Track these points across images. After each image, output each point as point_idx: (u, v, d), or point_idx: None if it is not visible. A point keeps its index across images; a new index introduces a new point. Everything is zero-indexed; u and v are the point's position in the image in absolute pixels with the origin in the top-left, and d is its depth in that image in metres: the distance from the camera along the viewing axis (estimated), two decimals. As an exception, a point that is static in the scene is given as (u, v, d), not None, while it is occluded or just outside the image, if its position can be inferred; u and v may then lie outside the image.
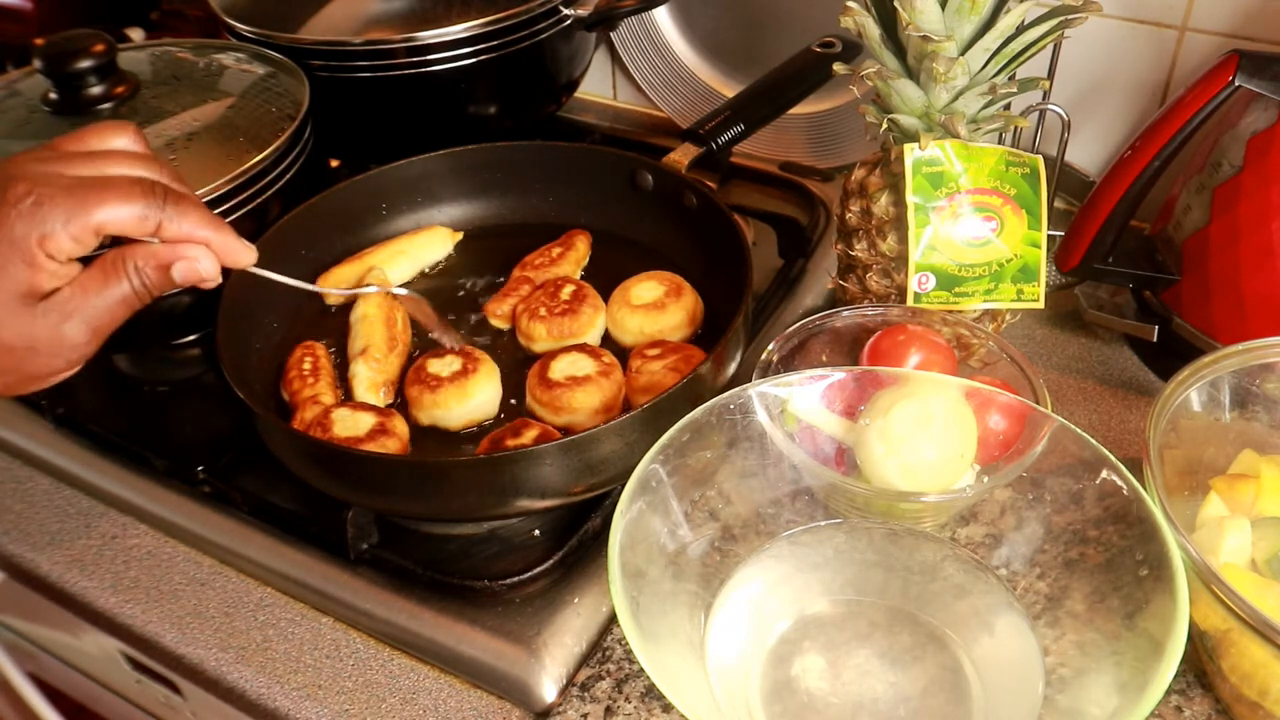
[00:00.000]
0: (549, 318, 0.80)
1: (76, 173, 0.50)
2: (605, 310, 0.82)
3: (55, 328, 0.49)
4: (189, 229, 0.52)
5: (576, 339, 0.80)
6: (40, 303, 0.49)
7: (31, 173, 0.49)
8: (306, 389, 0.75)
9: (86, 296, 0.50)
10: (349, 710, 0.63)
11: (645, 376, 0.74)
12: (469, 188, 0.93)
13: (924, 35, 0.65)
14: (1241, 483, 0.63)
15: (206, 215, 0.53)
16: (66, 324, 0.49)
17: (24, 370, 0.50)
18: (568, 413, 0.73)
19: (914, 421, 0.62)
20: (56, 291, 0.49)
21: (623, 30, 1.12)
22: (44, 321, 0.49)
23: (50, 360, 0.50)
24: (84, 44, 0.85)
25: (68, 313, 0.49)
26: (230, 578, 0.72)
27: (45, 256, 0.48)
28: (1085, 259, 0.78)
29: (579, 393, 0.72)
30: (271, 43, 0.95)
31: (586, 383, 0.73)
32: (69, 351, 0.50)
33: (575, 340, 0.80)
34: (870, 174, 0.74)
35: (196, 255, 0.52)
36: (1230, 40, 0.84)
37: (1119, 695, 0.50)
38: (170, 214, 0.51)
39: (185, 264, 0.52)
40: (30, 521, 0.77)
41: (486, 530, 0.71)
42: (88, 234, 0.49)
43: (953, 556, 0.63)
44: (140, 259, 0.51)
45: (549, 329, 0.79)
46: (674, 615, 0.57)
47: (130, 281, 0.51)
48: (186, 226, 0.51)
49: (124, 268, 0.51)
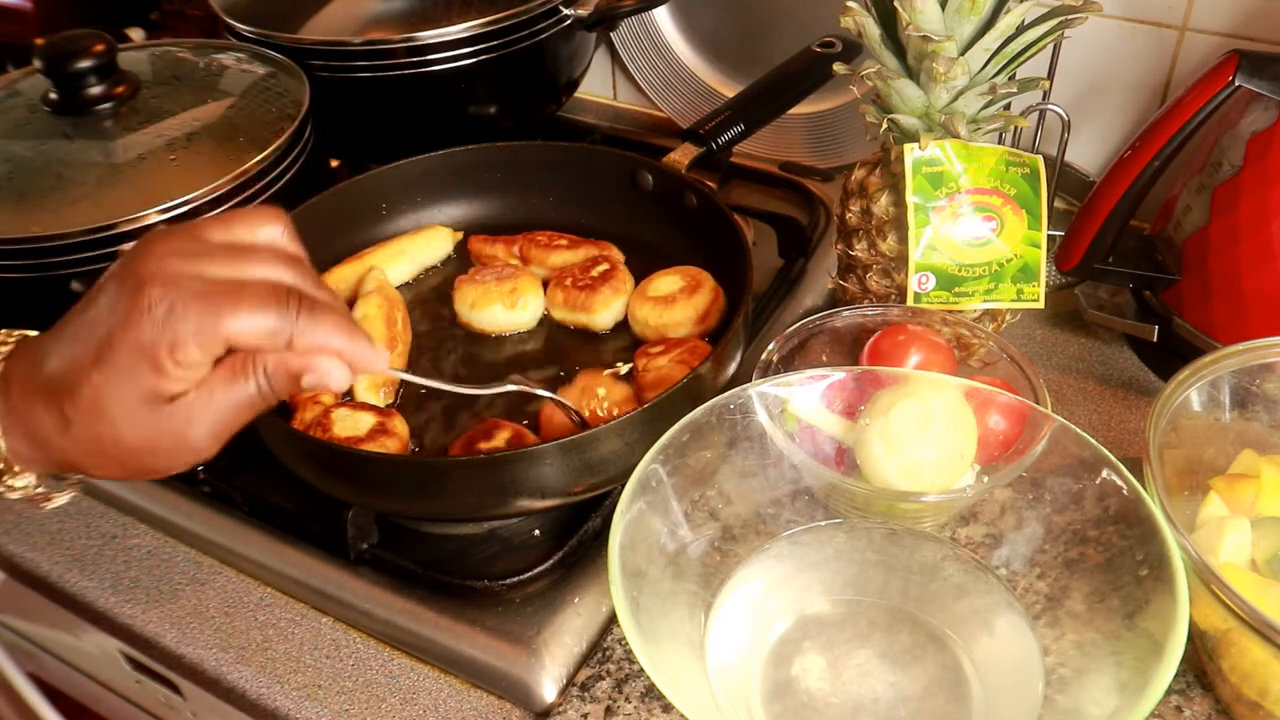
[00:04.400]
0: (570, 289, 0.83)
1: (215, 273, 0.47)
2: (628, 296, 0.83)
3: (178, 431, 0.47)
4: (322, 340, 0.49)
5: (589, 315, 0.81)
6: (165, 406, 0.47)
7: (167, 274, 0.46)
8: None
9: (212, 400, 0.48)
10: (349, 710, 0.63)
11: (652, 373, 0.74)
12: (469, 188, 0.93)
13: (924, 35, 0.65)
14: (1241, 483, 0.63)
15: (342, 323, 0.50)
16: (190, 428, 0.48)
17: (143, 466, 0.49)
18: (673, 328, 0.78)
19: (914, 421, 0.62)
20: (182, 395, 0.47)
21: (623, 30, 1.12)
22: (167, 425, 0.47)
23: (170, 460, 0.49)
24: (84, 44, 0.85)
25: (191, 417, 0.48)
26: (230, 578, 0.72)
27: (173, 364, 0.46)
28: (1085, 259, 0.78)
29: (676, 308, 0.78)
30: (271, 43, 0.95)
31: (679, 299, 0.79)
32: (189, 454, 0.49)
33: (586, 316, 0.82)
34: (870, 174, 0.74)
35: (329, 368, 0.49)
36: (1230, 40, 0.84)
37: (1119, 695, 0.50)
38: (303, 326, 0.48)
39: (316, 376, 0.49)
40: (30, 521, 0.77)
41: (486, 530, 0.71)
42: (217, 344, 0.46)
43: (953, 556, 0.63)
44: (271, 365, 0.48)
45: (565, 299, 0.82)
46: (674, 615, 0.57)
47: (259, 386, 0.48)
48: (320, 338, 0.48)
49: (253, 372, 0.48)
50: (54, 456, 0.48)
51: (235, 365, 0.48)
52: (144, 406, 0.46)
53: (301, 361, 0.49)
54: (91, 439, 0.47)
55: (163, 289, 0.46)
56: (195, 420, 0.47)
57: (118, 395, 0.46)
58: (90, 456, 0.48)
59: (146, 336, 0.45)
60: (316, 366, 0.49)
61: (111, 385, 0.46)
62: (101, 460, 0.48)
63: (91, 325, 0.47)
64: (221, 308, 0.46)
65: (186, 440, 0.48)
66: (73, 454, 0.48)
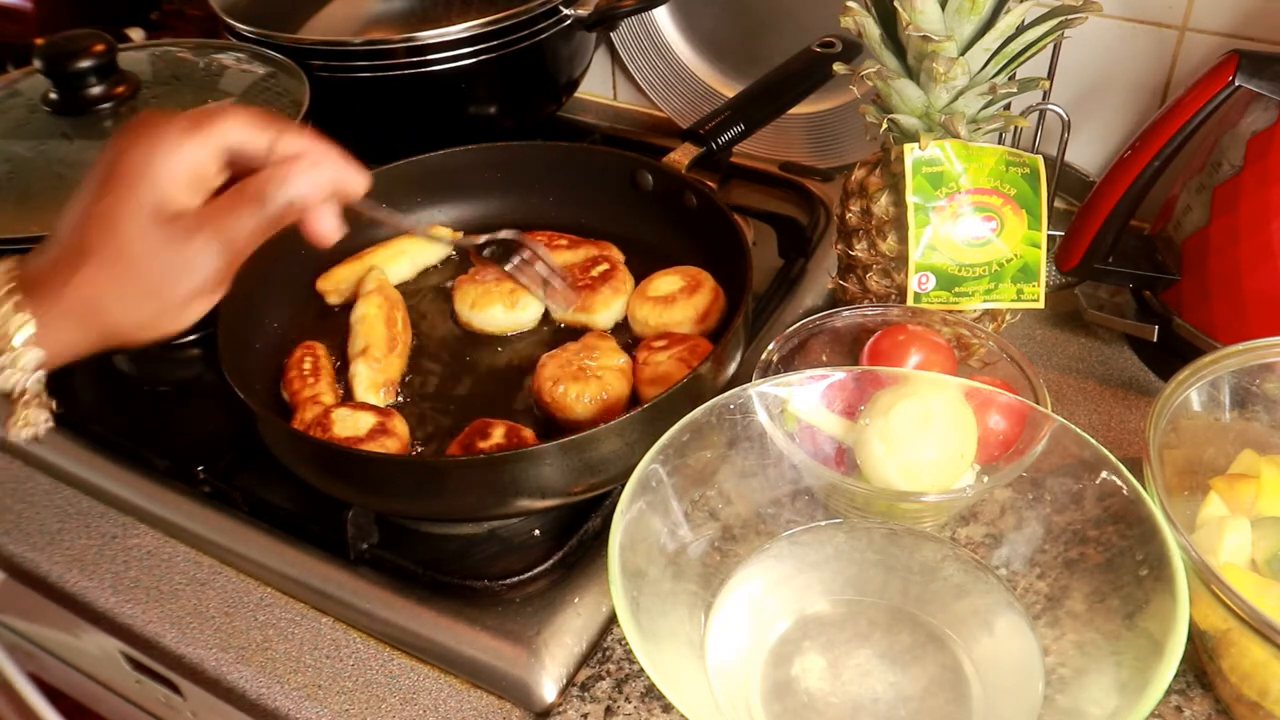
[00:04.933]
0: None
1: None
2: (628, 296, 0.83)
3: (187, 244, 0.51)
4: (305, 142, 0.55)
5: (589, 315, 0.81)
6: (172, 223, 0.51)
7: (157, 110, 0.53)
8: (306, 389, 0.75)
9: (216, 216, 0.52)
10: (349, 710, 0.63)
11: (652, 368, 0.74)
12: (469, 188, 0.93)
13: (924, 35, 0.65)
14: (1241, 483, 0.63)
15: (318, 138, 0.56)
16: (198, 240, 0.51)
17: (164, 291, 0.51)
18: (673, 327, 0.78)
19: (914, 421, 0.62)
20: (186, 214, 0.52)
21: (623, 30, 1.12)
22: (177, 238, 0.51)
23: (187, 278, 0.51)
24: (84, 44, 0.85)
25: (198, 229, 0.51)
26: (230, 578, 0.72)
27: (172, 172, 0.50)
28: (1085, 259, 0.78)
29: (676, 308, 0.79)
30: (271, 43, 0.95)
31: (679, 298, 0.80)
32: (203, 269, 0.51)
33: (586, 316, 0.82)
34: (870, 174, 0.74)
35: (314, 165, 0.54)
36: (1230, 40, 0.84)
37: (1119, 695, 0.50)
38: (283, 133, 0.54)
39: (305, 176, 0.53)
40: (30, 521, 0.77)
41: (486, 530, 0.71)
42: (209, 148, 0.52)
43: (953, 556, 0.63)
44: (264, 180, 0.53)
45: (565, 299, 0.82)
46: (674, 615, 0.57)
47: (258, 201, 0.53)
48: (300, 142, 0.54)
49: (250, 188, 0.53)
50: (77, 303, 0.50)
51: (235, 189, 0.52)
52: (153, 220, 0.50)
53: (295, 164, 0.53)
54: (110, 263, 0.50)
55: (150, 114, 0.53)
56: (202, 233, 0.51)
57: (127, 211, 0.50)
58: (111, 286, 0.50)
59: (140, 150, 0.50)
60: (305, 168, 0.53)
61: (120, 201, 0.50)
62: (122, 289, 0.50)
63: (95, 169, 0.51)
64: (208, 117, 0.52)
65: (195, 256, 0.51)
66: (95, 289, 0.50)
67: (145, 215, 0.50)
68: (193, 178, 0.52)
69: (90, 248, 0.50)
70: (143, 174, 0.50)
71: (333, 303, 0.86)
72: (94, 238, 0.50)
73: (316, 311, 0.86)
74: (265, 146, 0.54)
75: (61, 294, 0.50)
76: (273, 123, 0.54)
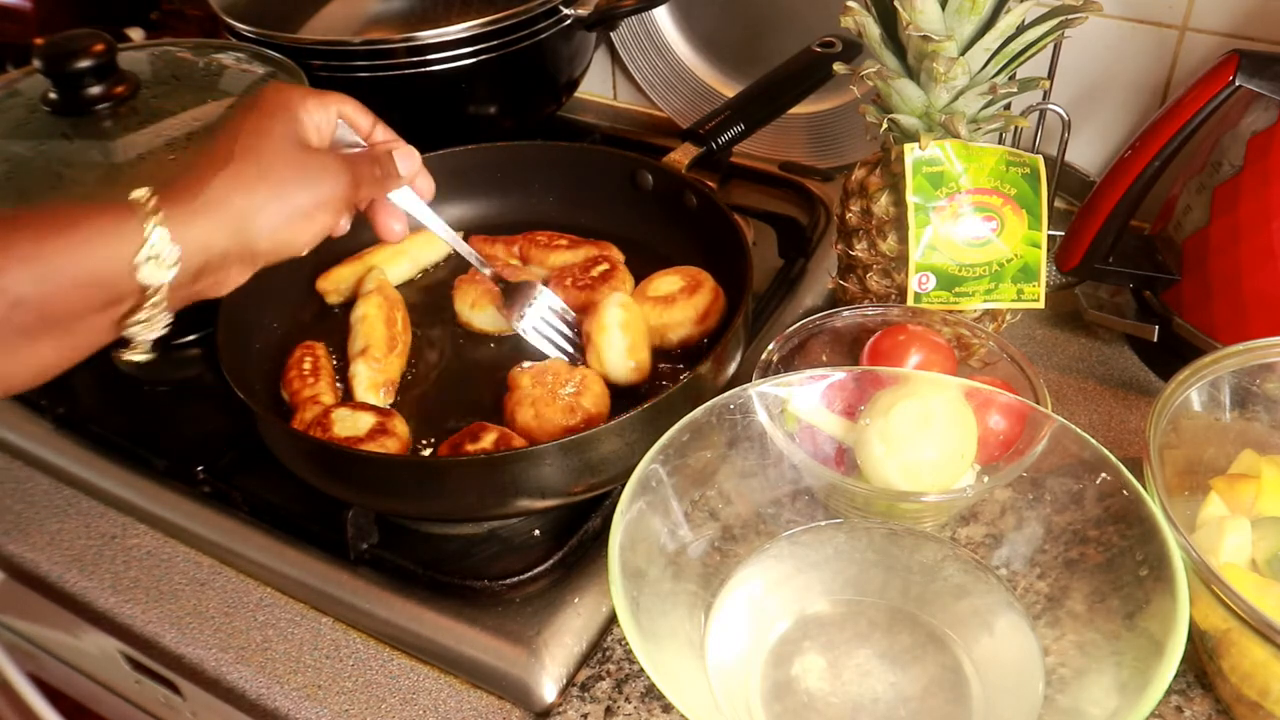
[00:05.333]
0: (570, 289, 0.82)
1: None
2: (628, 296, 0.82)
3: (316, 160, 0.60)
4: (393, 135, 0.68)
5: (587, 315, 0.80)
6: (305, 150, 0.60)
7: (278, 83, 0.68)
8: (306, 389, 0.75)
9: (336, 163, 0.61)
10: (349, 710, 0.63)
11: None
12: (469, 188, 0.93)
13: (924, 35, 0.65)
14: (1241, 483, 0.63)
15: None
16: (327, 159, 0.60)
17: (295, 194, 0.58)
18: (673, 328, 0.78)
19: (914, 421, 0.62)
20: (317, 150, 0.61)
21: (623, 30, 1.12)
22: (311, 154, 0.60)
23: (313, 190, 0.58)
24: (84, 44, 0.84)
25: (325, 164, 0.60)
26: (230, 578, 0.72)
27: (305, 116, 0.61)
28: (1085, 259, 0.78)
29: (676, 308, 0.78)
30: (271, 42, 0.95)
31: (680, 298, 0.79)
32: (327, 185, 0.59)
33: (585, 317, 0.81)
34: (870, 174, 0.74)
35: (407, 151, 0.67)
36: (1230, 40, 0.84)
37: (1119, 695, 0.50)
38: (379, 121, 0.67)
39: (403, 155, 0.67)
40: (30, 521, 0.77)
41: (486, 530, 0.71)
42: (331, 113, 0.63)
43: (953, 556, 0.63)
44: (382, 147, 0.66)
45: (565, 299, 0.82)
46: (674, 615, 0.57)
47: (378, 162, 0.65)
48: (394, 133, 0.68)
49: (359, 158, 0.63)
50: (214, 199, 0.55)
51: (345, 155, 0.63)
52: (289, 143, 0.59)
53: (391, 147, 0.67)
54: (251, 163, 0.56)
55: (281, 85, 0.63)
56: (332, 159, 0.61)
57: (271, 128, 0.59)
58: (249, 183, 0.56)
59: (283, 94, 0.61)
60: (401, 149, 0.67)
61: (266, 121, 0.59)
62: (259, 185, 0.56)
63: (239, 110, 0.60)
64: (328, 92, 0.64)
65: (324, 173, 0.59)
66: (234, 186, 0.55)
67: (284, 136, 0.59)
68: (318, 127, 0.62)
69: (233, 154, 0.56)
70: (285, 109, 0.60)
71: (333, 303, 0.86)
72: (241, 145, 0.57)
73: (316, 311, 0.86)
74: (367, 127, 0.66)
75: (200, 192, 0.54)
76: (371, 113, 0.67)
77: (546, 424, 0.70)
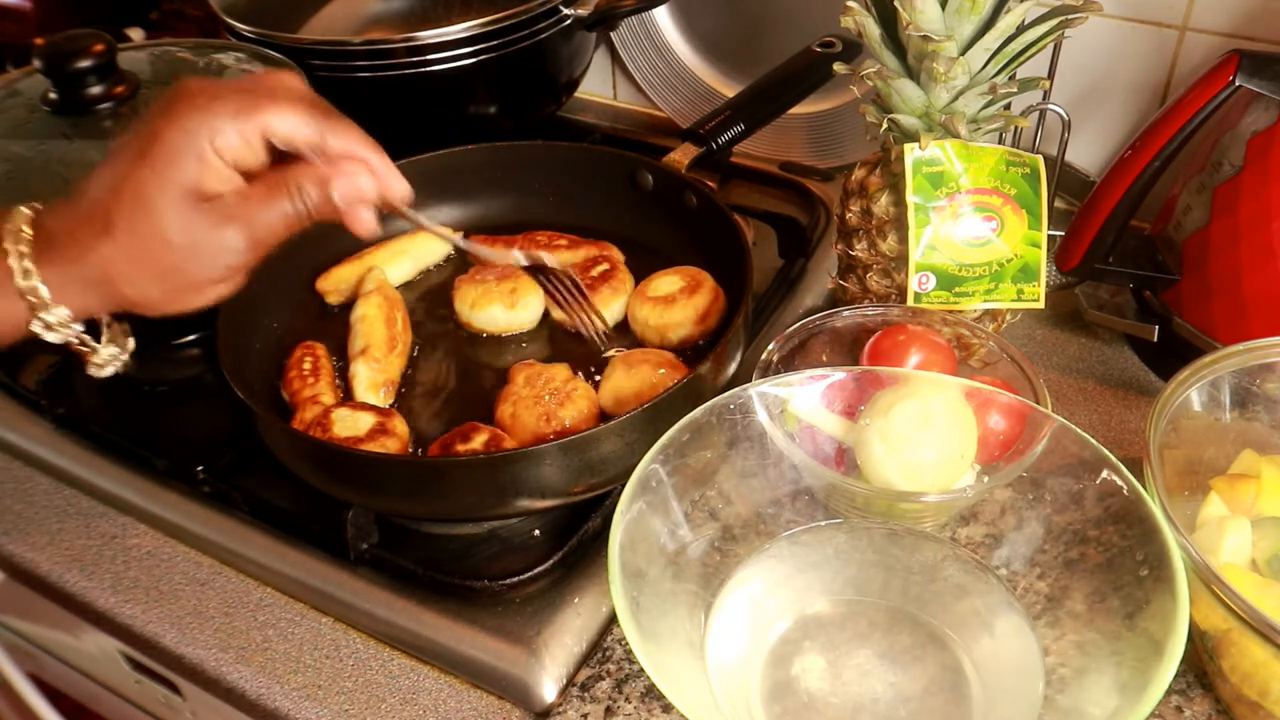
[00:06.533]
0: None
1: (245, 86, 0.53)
2: (628, 296, 0.83)
3: (216, 229, 0.50)
4: (350, 144, 0.54)
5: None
6: (205, 204, 0.50)
7: (203, 81, 0.52)
8: (306, 389, 0.75)
9: (249, 205, 0.51)
10: (349, 710, 0.63)
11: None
12: (469, 188, 0.93)
13: (924, 35, 0.65)
14: (1241, 483, 0.63)
15: (366, 137, 0.55)
16: (228, 228, 0.51)
17: (185, 273, 0.51)
18: (673, 328, 0.78)
19: (914, 421, 0.62)
20: (221, 196, 0.51)
21: (623, 30, 1.12)
22: (206, 222, 0.50)
23: (210, 263, 0.51)
24: (84, 44, 0.84)
25: (230, 217, 0.51)
26: (230, 578, 0.72)
27: (213, 153, 0.50)
28: (1085, 259, 0.78)
29: (676, 308, 0.78)
30: (271, 43, 0.95)
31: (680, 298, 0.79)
32: (228, 256, 0.51)
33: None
34: (870, 174, 0.74)
35: (357, 171, 0.54)
36: (1230, 40, 0.84)
37: (1119, 695, 0.50)
38: (334, 126, 0.53)
39: (346, 180, 0.53)
40: (30, 521, 0.77)
41: (486, 530, 0.71)
42: (255, 135, 0.51)
43: (953, 556, 0.63)
44: (303, 177, 0.52)
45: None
46: (674, 615, 0.57)
47: (292, 198, 0.52)
48: (349, 142, 0.54)
49: (288, 184, 0.52)
50: (94, 272, 0.49)
51: (272, 178, 0.52)
52: (185, 200, 0.49)
53: (334, 168, 0.52)
54: (134, 239, 0.50)
55: (201, 86, 0.51)
56: (234, 221, 0.51)
57: (161, 187, 0.49)
58: (132, 262, 0.49)
59: (190, 123, 0.49)
60: (347, 171, 0.53)
61: (156, 177, 0.49)
62: (142, 267, 0.50)
63: (133, 138, 0.50)
64: (259, 101, 0.51)
65: (224, 240, 0.50)
66: (114, 262, 0.49)
67: (177, 195, 0.49)
68: (233, 161, 0.51)
69: (116, 220, 0.49)
70: (182, 152, 0.49)
71: (333, 303, 0.86)
72: (122, 210, 0.49)
73: (316, 311, 0.86)
74: (313, 138, 0.53)
75: (80, 260, 0.50)
76: (324, 113, 0.54)
77: (518, 424, 0.71)
